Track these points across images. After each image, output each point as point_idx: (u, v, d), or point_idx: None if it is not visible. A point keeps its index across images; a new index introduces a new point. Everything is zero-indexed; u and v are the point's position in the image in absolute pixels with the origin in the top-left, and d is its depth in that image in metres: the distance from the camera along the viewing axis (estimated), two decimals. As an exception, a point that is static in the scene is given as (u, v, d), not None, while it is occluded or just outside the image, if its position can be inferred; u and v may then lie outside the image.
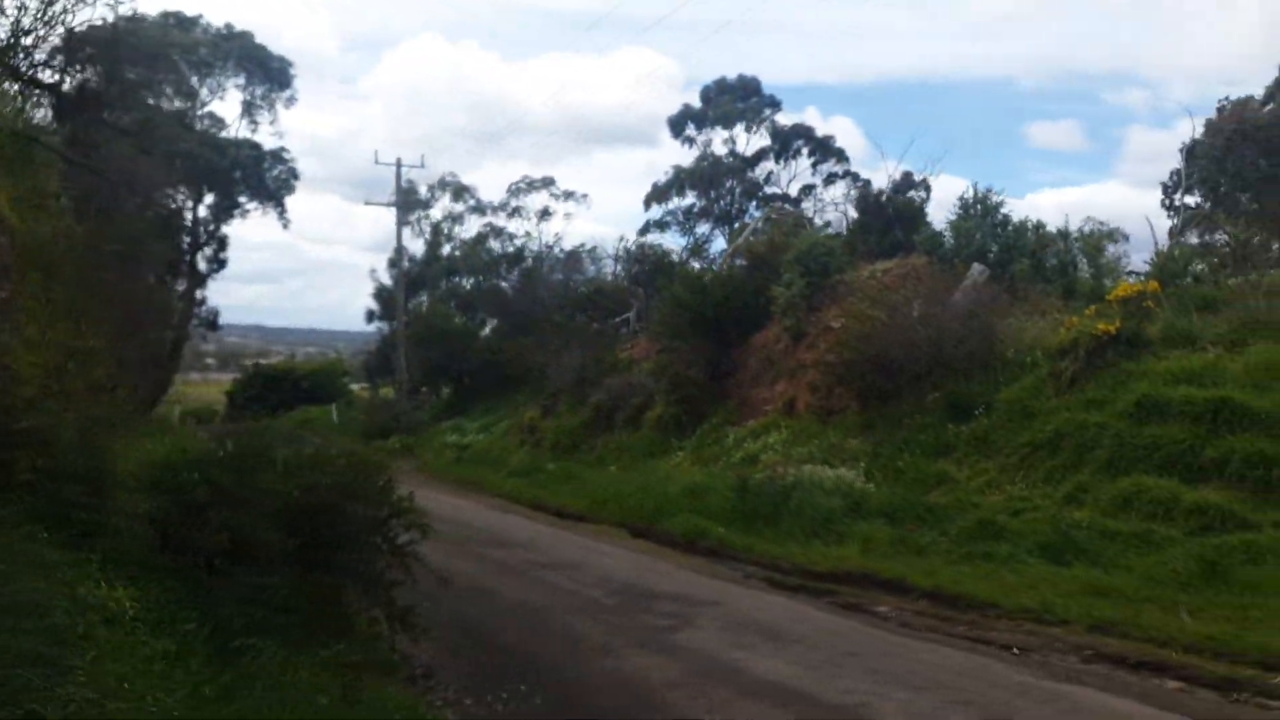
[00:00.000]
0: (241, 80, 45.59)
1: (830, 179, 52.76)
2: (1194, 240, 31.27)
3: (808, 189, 52.20)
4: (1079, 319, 17.70)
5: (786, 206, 47.41)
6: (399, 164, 43.20)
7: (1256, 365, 14.53)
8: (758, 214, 45.69)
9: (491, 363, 37.27)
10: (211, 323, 48.71)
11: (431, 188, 51.65)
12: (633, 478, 21.72)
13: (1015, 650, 8.81)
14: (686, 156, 52.06)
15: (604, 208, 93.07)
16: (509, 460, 29.20)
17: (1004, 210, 24.86)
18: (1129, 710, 6.82)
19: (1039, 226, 25.30)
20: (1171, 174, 37.40)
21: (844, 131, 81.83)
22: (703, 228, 52.90)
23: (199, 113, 44.10)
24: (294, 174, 46.87)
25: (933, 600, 11.08)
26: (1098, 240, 24.05)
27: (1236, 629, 8.63)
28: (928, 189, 35.23)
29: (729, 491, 17.02)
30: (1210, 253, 26.42)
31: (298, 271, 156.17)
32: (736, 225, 48.14)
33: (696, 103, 52.54)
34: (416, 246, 51.19)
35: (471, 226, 51.08)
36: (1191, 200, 36.88)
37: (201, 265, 45.01)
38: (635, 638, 9.52)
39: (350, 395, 53.10)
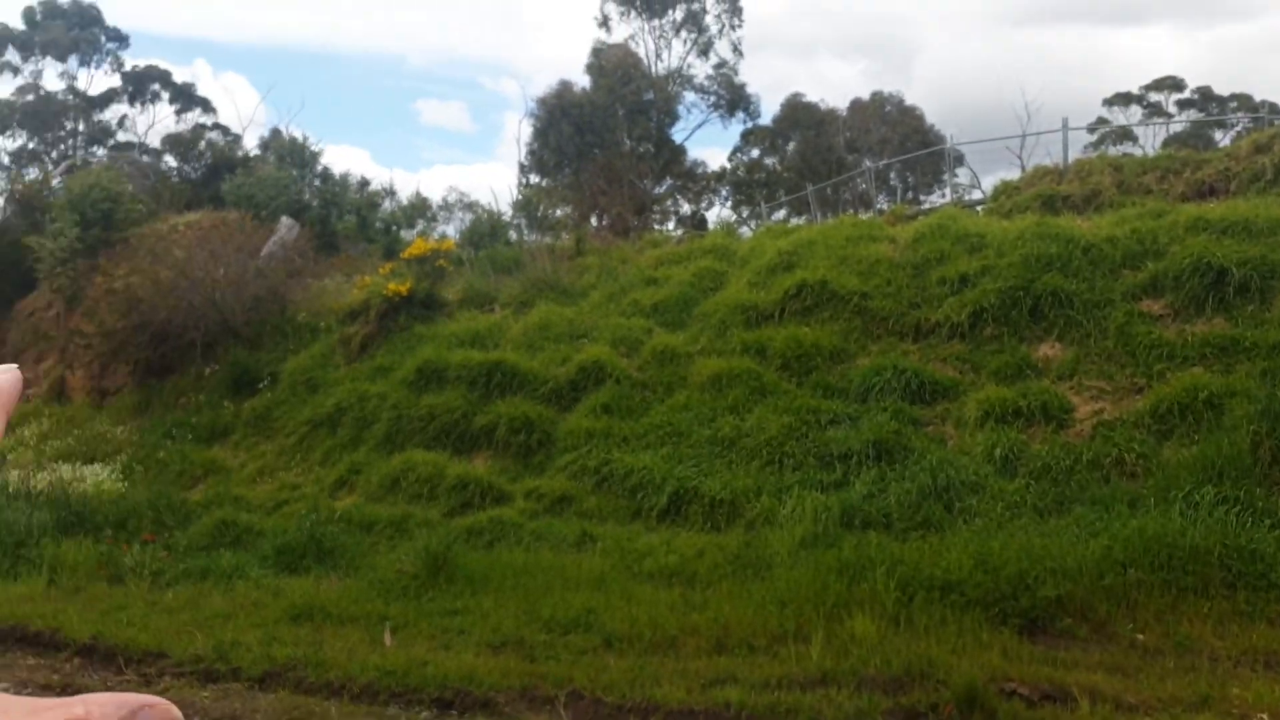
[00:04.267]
0: None
1: (199, 130, 46.02)
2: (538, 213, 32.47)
3: (175, 140, 44.94)
4: (372, 278, 15.74)
5: (144, 157, 39.98)
6: None
7: (533, 325, 13.76)
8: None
9: None
10: None
11: None
12: None
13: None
14: (11, 88, 41.38)
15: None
16: None
17: (324, 162, 22.25)
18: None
19: (363, 184, 23.27)
20: (525, 154, 39.05)
21: (239, 90, 73.09)
22: (35, 174, 42.80)
23: None
24: None
25: (88, 656, 7.79)
26: (420, 204, 22.70)
27: (433, 650, 6.79)
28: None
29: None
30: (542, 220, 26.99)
31: None
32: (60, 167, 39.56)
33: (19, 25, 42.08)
34: None
35: None
36: (537, 178, 38.78)
37: None
38: None
39: None
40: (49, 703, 0.41)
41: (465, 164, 72.60)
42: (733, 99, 33.76)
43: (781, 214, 28.26)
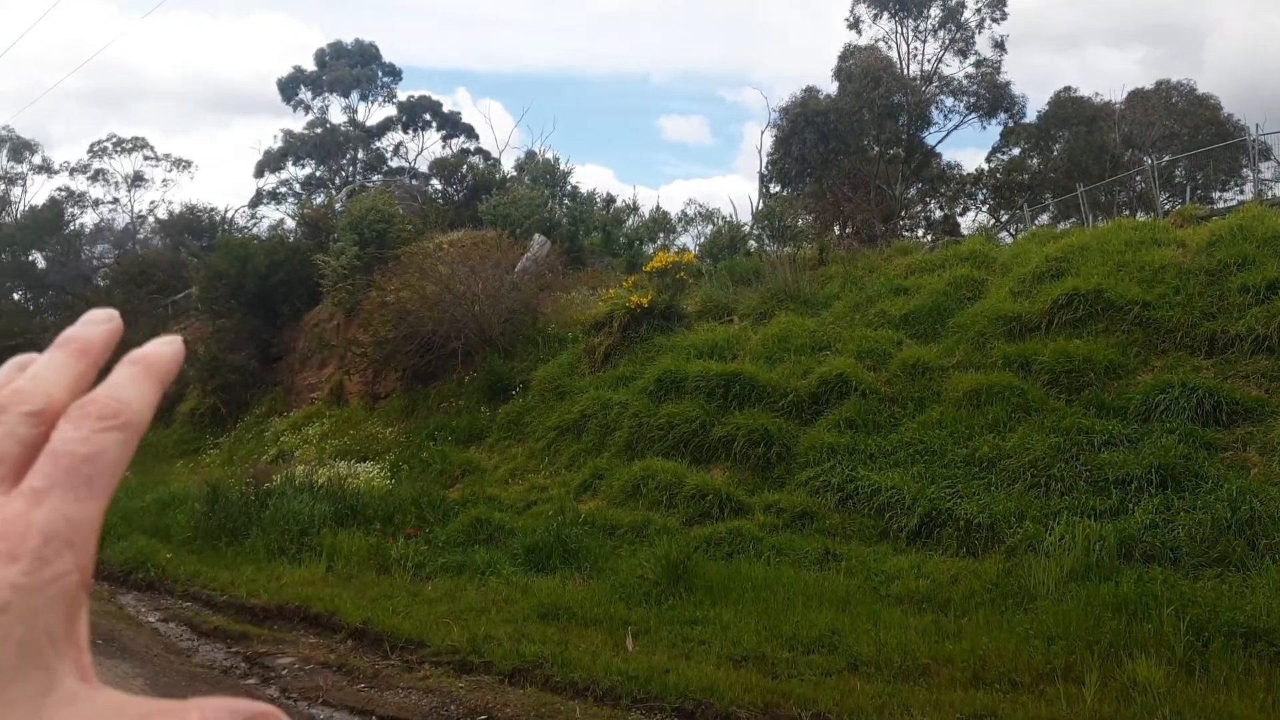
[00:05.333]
0: None
1: (463, 155, 49.99)
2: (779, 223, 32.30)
3: (440, 164, 49.21)
4: (615, 291, 16.12)
5: (412, 181, 43.99)
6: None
7: (772, 336, 13.52)
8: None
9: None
10: None
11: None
12: (136, 487, 17.15)
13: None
14: (302, 123, 47.14)
15: (239, 180, 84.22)
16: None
17: (573, 181, 23.15)
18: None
19: (609, 201, 24.00)
20: (766, 164, 39.06)
21: (495, 115, 79.18)
22: (322, 200, 48.47)
23: None
24: None
25: (359, 640, 8.39)
26: (661, 219, 23.08)
27: (674, 658, 6.72)
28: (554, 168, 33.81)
29: (200, 502, 13.40)
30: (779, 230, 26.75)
31: None
32: (342, 192, 44.07)
33: (311, 66, 47.65)
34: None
35: (41, 191, 43.35)
36: (777, 188, 38.60)
37: None
38: None
39: None
40: (164, 706, 0.41)
41: (704, 178, 73.69)
42: (994, 99, 31.74)
43: (1045, 218, 26.33)
